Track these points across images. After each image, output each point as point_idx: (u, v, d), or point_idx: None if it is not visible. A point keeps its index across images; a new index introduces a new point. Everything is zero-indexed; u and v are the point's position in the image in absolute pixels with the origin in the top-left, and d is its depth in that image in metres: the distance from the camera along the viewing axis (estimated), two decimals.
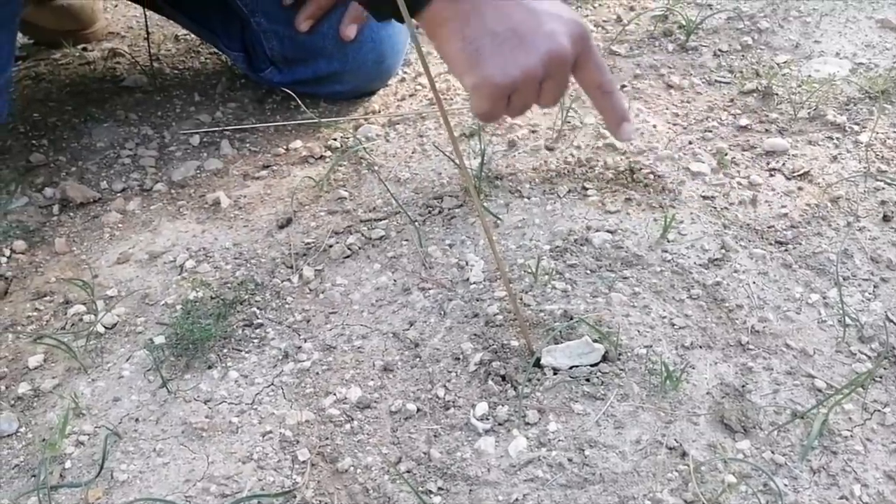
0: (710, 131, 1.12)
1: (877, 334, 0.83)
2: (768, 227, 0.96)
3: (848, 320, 0.83)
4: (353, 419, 0.77)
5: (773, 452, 0.72)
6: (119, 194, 1.07)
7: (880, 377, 0.79)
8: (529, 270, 0.90)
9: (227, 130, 1.18)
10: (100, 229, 1.01)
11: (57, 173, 1.11)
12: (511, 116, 0.83)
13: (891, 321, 0.84)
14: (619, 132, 0.84)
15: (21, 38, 1.42)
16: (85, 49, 1.40)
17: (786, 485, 0.70)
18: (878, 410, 0.76)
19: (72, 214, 1.04)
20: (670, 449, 0.73)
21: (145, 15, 1.35)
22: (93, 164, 1.12)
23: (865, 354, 0.81)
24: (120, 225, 1.02)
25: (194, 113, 1.22)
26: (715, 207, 0.99)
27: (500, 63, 0.75)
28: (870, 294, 0.87)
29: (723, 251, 0.92)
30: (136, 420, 0.78)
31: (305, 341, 0.85)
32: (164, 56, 1.36)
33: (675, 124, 1.14)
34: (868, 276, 0.89)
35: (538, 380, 0.79)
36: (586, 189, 1.02)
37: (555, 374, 0.79)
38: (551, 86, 0.78)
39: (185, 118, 1.21)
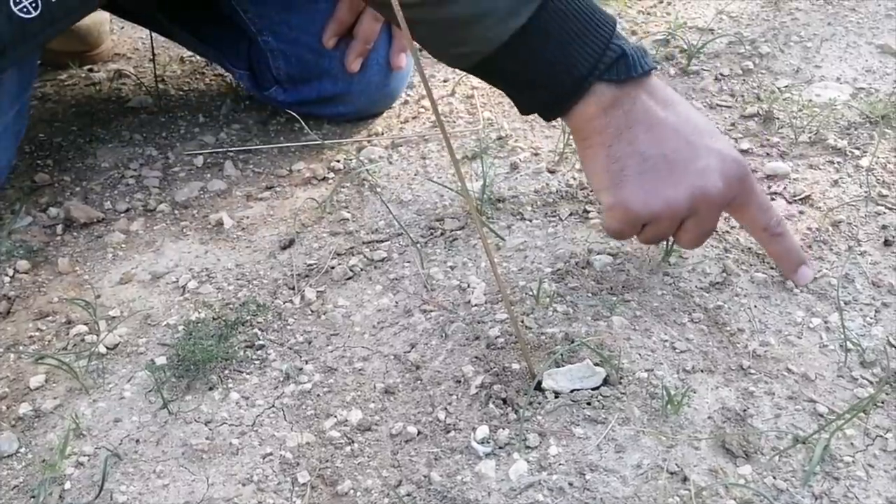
0: None
1: (878, 359, 0.83)
2: None
3: (849, 345, 0.83)
4: (353, 441, 0.77)
5: (774, 478, 0.72)
6: (123, 214, 1.07)
7: (882, 402, 0.79)
8: (531, 293, 0.90)
9: (230, 151, 1.18)
10: (103, 249, 1.02)
11: (61, 193, 1.11)
12: (642, 242, 0.75)
13: (892, 346, 0.84)
14: (796, 278, 0.77)
15: None
16: (91, 70, 1.41)
17: None
18: (881, 436, 0.76)
19: (75, 234, 1.04)
20: (671, 474, 0.72)
21: (151, 37, 1.36)
22: (97, 185, 1.13)
23: (867, 379, 0.81)
24: (123, 245, 1.02)
25: (198, 134, 1.23)
26: (716, 231, 0.99)
27: (641, 190, 0.68)
28: (871, 319, 0.87)
29: (724, 275, 0.92)
30: (137, 441, 0.78)
31: (307, 363, 0.85)
32: (169, 77, 1.37)
33: None
34: (869, 300, 0.89)
35: (539, 403, 0.78)
36: (588, 212, 1.02)
37: (556, 397, 0.79)
38: (693, 225, 0.71)
39: (190, 139, 1.22)
